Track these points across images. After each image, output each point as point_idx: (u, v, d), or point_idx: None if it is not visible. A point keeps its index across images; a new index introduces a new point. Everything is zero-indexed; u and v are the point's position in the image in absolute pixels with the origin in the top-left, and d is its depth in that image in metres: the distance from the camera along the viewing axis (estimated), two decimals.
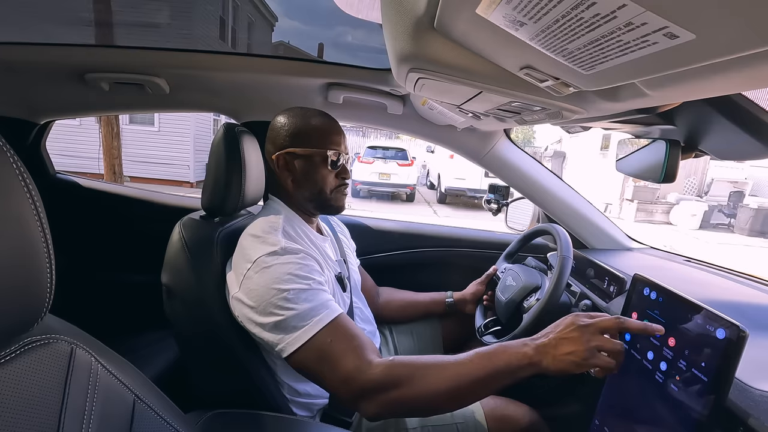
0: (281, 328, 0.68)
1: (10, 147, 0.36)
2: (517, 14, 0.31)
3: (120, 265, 1.53)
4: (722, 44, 0.26)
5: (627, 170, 0.98)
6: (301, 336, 0.68)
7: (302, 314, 0.69)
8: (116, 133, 4.95)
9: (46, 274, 0.38)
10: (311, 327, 0.68)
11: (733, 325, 0.49)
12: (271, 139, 0.86)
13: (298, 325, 0.68)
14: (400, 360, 0.68)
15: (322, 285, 0.75)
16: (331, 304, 0.73)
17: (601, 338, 0.61)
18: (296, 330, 0.68)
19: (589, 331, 0.62)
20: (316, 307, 0.70)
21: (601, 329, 0.62)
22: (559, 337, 0.63)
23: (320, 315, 0.69)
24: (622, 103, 0.53)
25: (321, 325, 0.69)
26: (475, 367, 0.65)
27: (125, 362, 0.51)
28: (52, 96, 1.32)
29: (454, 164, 8.64)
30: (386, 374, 0.65)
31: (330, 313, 0.71)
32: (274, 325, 0.69)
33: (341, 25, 38.53)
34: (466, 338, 1.22)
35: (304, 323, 0.68)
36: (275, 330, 0.69)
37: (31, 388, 0.38)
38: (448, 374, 0.65)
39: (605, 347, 0.61)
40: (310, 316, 0.69)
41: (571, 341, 0.62)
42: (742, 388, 0.54)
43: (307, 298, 0.70)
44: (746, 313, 0.79)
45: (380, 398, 0.65)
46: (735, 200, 9.01)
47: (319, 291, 0.73)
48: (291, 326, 0.68)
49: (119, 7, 8.32)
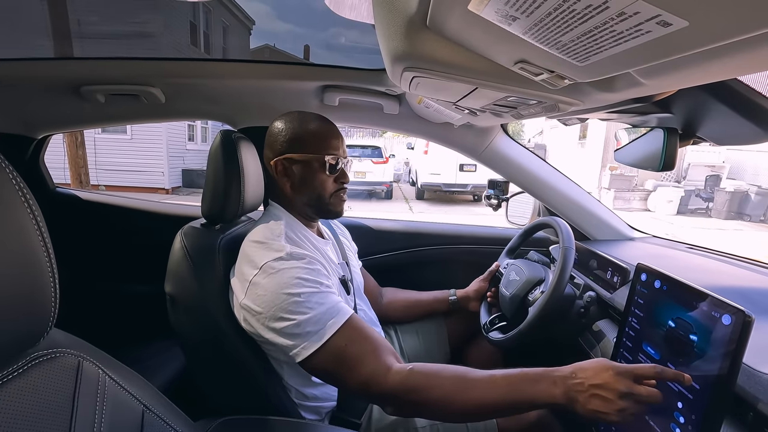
0: (294, 332, 0.68)
1: (9, 163, 0.36)
2: (509, 9, 0.31)
3: (123, 276, 1.53)
4: (716, 30, 0.26)
5: (626, 160, 0.98)
6: (316, 340, 0.68)
7: (315, 318, 0.69)
8: (80, 142, 4.89)
9: (50, 288, 0.38)
10: (325, 331, 0.68)
11: (739, 310, 0.49)
12: (270, 145, 0.86)
13: (312, 330, 0.68)
14: (420, 370, 0.67)
15: (330, 288, 0.75)
16: (342, 305, 0.73)
17: (637, 388, 0.57)
18: (310, 334, 0.68)
19: (625, 380, 0.57)
20: (328, 310, 0.70)
21: (636, 377, 0.57)
22: (593, 383, 0.58)
23: (333, 318, 0.70)
24: (618, 93, 0.53)
25: (335, 328, 0.69)
26: (500, 394, 0.63)
27: (133, 373, 0.51)
28: (49, 110, 1.33)
29: (428, 160, 8.69)
30: (405, 383, 0.66)
31: (342, 315, 0.71)
32: (286, 329, 0.69)
33: (334, 27, 38.56)
34: (472, 335, 1.22)
35: (317, 327, 0.68)
36: (288, 335, 0.69)
37: (40, 403, 0.38)
38: (470, 396, 0.64)
39: (642, 398, 0.56)
40: (324, 320, 0.69)
41: (605, 392, 0.57)
42: (750, 373, 0.54)
43: (318, 301, 0.70)
44: (751, 298, 0.78)
45: (398, 405, 0.67)
46: (712, 184, 8.99)
47: (329, 294, 0.73)
48: (305, 331, 0.68)
49: (101, 18, 8.36)
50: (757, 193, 8.19)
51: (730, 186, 8.67)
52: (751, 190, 8.31)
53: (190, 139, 10.37)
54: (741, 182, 8.97)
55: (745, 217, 8.28)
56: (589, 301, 0.95)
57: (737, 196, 8.34)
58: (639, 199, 9.35)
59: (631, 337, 0.67)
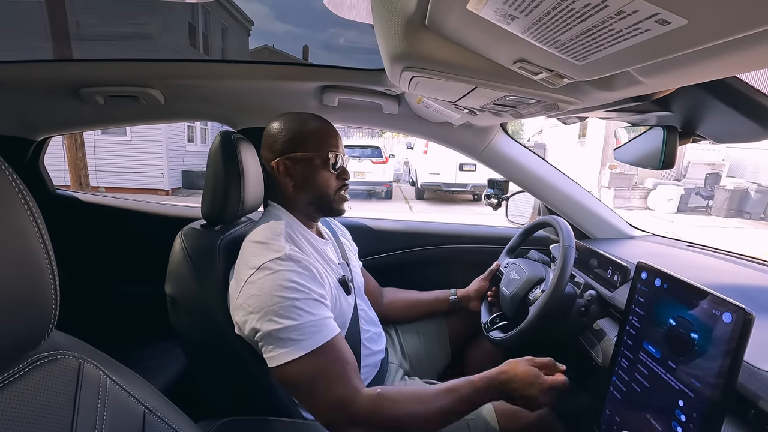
0: (277, 336, 0.68)
1: (8, 166, 0.36)
2: (507, 8, 0.31)
3: (123, 277, 1.53)
4: (715, 28, 0.26)
5: (625, 159, 0.98)
6: (297, 349, 0.67)
7: (301, 327, 0.68)
8: (80, 144, 4.88)
9: (51, 290, 0.38)
10: (309, 342, 0.68)
11: (740, 308, 0.48)
12: (268, 146, 0.86)
13: (296, 338, 0.68)
14: (387, 391, 0.72)
15: (324, 298, 0.75)
16: (330, 322, 0.73)
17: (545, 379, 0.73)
18: (292, 342, 0.67)
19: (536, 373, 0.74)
20: (315, 322, 0.70)
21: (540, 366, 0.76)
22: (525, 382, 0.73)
23: (319, 332, 0.69)
24: (618, 92, 0.53)
25: (319, 343, 0.69)
26: (452, 404, 0.72)
27: (133, 374, 0.51)
28: (48, 112, 1.33)
29: (428, 160, 8.68)
30: (377, 405, 0.69)
31: (329, 331, 0.71)
32: (270, 332, 0.68)
33: (333, 27, 38.58)
34: (473, 335, 1.22)
35: (302, 337, 0.68)
36: (270, 337, 0.68)
37: (41, 405, 0.38)
38: (430, 408, 0.71)
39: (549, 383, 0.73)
40: (310, 331, 0.69)
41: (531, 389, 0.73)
42: (752, 371, 0.54)
43: (308, 311, 0.70)
44: (752, 295, 0.78)
45: (371, 427, 0.69)
46: (712, 182, 8.98)
47: (321, 305, 0.73)
48: (287, 338, 0.68)
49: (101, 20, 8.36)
50: (757, 190, 8.19)
51: (730, 184, 8.66)
52: (751, 187, 8.31)
53: (190, 141, 10.38)
54: (741, 180, 8.97)
55: (745, 215, 8.28)
56: (590, 300, 0.95)
57: (737, 194, 8.34)
58: (639, 198, 9.36)
59: (632, 335, 0.67)
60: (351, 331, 0.88)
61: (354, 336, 0.89)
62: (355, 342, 0.89)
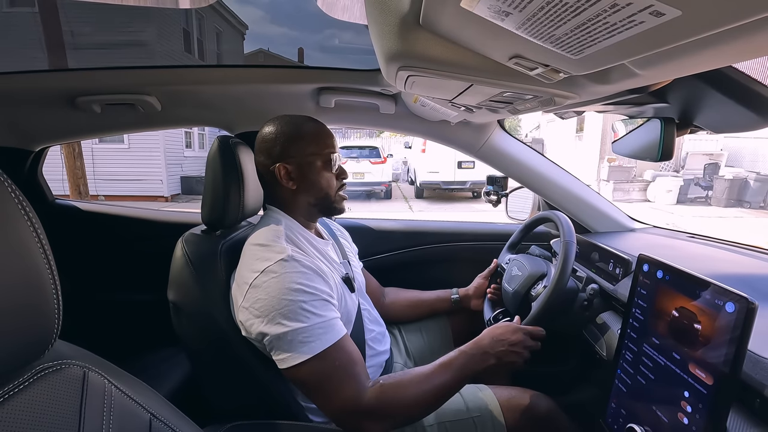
0: (286, 339, 0.68)
1: (7, 177, 0.36)
2: (501, 4, 0.31)
3: (125, 285, 1.53)
4: (709, 18, 0.26)
5: (623, 151, 0.98)
6: (305, 352, 0.68)
7: (308, 330, 0.69)
8: (78, 153, 4.89)
9: (53, 299, 0.38)
10: (316, 345, 0.69)
11: (742, 297, 0.48)
12: (265, 151, 0.85)
13: (304, 341, 0.68)
14: (388, 380, 0.74)
15: (331, 297, 0.75)
16: (337, 322, 0.74)
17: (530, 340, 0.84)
18: (301, 345, 0.68)
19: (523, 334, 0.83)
20: (322, 324, 0.70)
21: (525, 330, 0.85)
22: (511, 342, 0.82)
23: (327, 334, 0.70)
24: (614, 85, 0.53)
25: (326, 345, 0.69)
26: (452, 376, 0.76)
27: (138, 382, 0.51)
28: (45, 122, 1.32)
29: (426, 158, 8.68)
30: (383, 395, 0.71)
31: (336, 333, 0.72)
32: (279, 335, 0.68)
33: (328, 28, 38.58)
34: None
35: (310, 339, 0.69)
36: (279, 341, 0.69)
37: (47, 416, 0.38)
38: (432, 385, 0.75)
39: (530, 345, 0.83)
40: (317, 334, 0.69)
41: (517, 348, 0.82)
42: (756, 359, 0.54)
43: (316, 312, 0.70)
44: (754, 284, 0.78)
45: (380, 417, 0.71)
46: (710, 172, 8.97)
47: (328, 304, 0.73)
48: (296, 340, 0.68)
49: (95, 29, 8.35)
50: (756, 179, 8.19)
51: (728, 173, 8.66)
52: (749, 176, 8.31)
53: (188, 146, 10.38)
54: (740, 169, 8.97)
55: (745, 204, 8.28)
56: (592, 293, 0.95)
57: (736, 184, 8.34)
58: (638, 190, 9.36)
59: (636, 328, 0.67)
60: (355, 330, 0.88)
61: (359, 335, 0.90)
62: (360, 342, 0.90)
